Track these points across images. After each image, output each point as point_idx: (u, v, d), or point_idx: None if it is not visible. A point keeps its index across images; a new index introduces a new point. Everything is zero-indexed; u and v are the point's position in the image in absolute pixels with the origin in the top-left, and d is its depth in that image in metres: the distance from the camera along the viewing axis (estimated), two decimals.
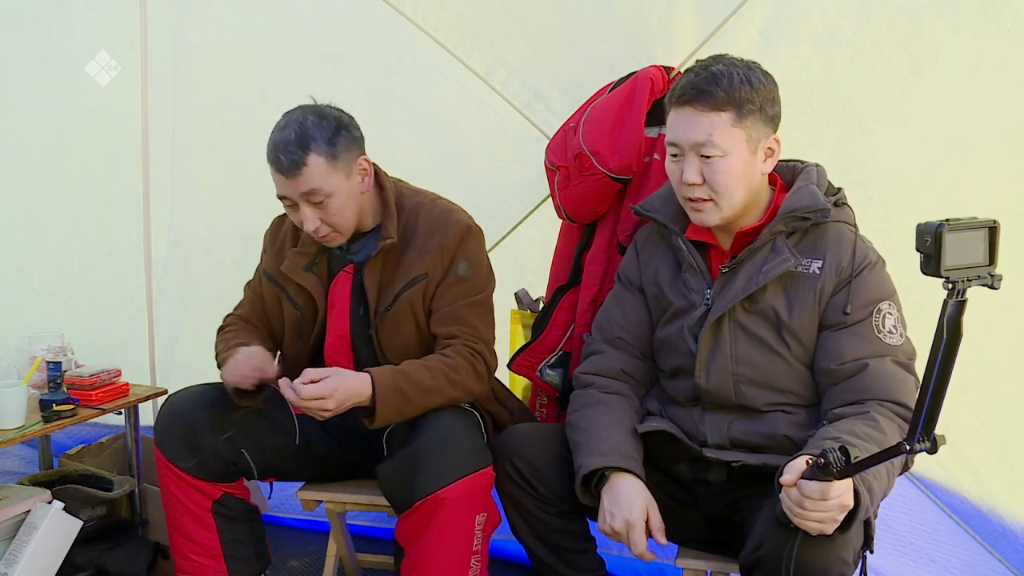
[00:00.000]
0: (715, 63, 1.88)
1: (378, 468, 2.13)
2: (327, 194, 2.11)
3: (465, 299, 2.21)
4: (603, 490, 1.93)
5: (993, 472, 2.43)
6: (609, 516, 1.90)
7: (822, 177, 1.98)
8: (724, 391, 1.94)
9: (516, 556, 2.73)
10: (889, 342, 1.85)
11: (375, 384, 2.07)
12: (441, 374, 2.12)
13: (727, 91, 1.84)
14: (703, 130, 1.85)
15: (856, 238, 1.92)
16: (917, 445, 1.39)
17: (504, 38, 2.67)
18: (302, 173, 2.08)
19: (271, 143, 2.11)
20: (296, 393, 2.01)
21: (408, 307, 2.20)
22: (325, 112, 2.14)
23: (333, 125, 2.12)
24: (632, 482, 1.91)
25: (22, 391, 2.38)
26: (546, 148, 2.49)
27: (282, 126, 2.12)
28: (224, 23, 3.04)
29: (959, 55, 2.27)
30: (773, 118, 1.90)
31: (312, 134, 2.09)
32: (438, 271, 2.20)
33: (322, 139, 2.09)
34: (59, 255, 3.30)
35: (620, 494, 1.90)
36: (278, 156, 2.08)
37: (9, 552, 2.35)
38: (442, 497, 2.00)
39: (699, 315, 1.96)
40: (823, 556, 1.64)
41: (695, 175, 1.88)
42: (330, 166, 2.10)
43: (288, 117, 2.14)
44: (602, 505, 1.92)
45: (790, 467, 1.61)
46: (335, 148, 2.11)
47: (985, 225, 1.39)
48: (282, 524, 3.09)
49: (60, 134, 3.23)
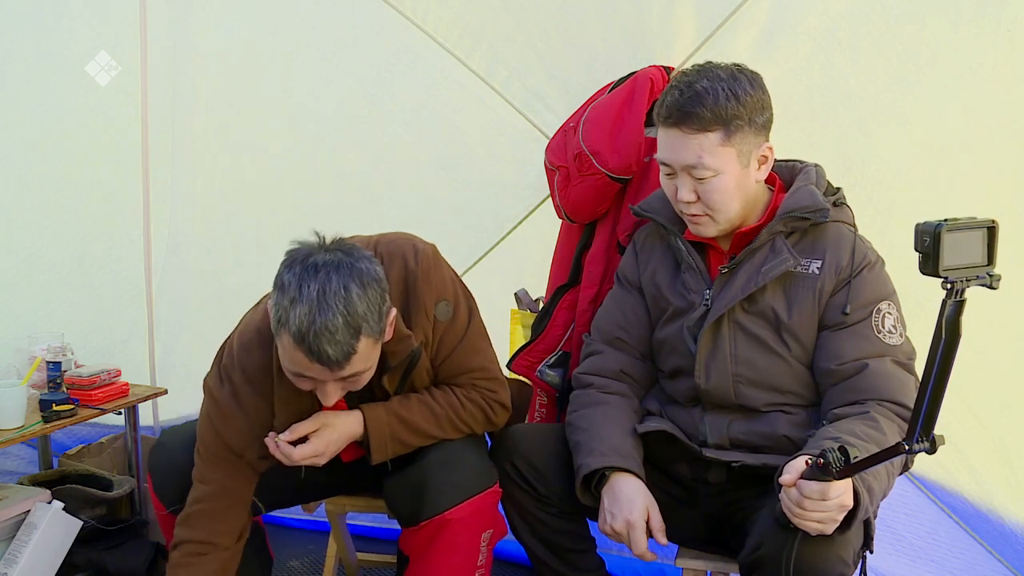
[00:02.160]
0: (699, 78, 1.85)
1: (384, 483, 2.06)
2: (367, 370, 1.80)
3: (458, 341, 2.02)
4: (603, 490, 1.92)
5: (993, 472, 2.43)
6: (609, 516, 1.90)
7: (821, 177, 1.98)
8: (724, 391, 1.94)
9: (516, 556, 2.73)
10: (889, 342, 1.85)
11: (368, 431, 1.95)
12: (447, 421, 2.00)
13: (713, 110, 1.81)
14: (692, 152, 1.84)
15: (855, 238, 1.92)
16: (916, 445, 1.39)
17: (504, 38, 2.67)
18: (350, 362, 1.72)
19: (303, 323, 1.67)
20: (286, 455, 1.90)
21: (419, 379, 2.02)
22: (365, 275, 1.74)
23: (379, 294, 1.75)
24: (632, 482, 1.91)
25: (22, 391, 2.38)
26: (546, 148, 2.49)
27: (315, 300, 1.67)
28: (224, 23, 3.04)
29: (959, 55, 2.27)
30: (764, 125, 1.88)
31: (363, 314, 1.70)
32: (427, 330, 1.98)
33: (373, 319, 1.73)
34: (59, 255, 3.30)
35: (620, 494, 1.90)
36: (322, 348, 1.67)
37: (9, 552, 2.35)
38: (449, 518, 1.96)
39: (698, 316, 1.96)
40: (823, 556, 1.64)
41: (689, 194, 1.88)
42: (375, 343, 1.77)
43: (321, 285, 1.68)
44: (602, 505, 1.92)
45: (789, 467, 1.61)
46: (383, 323, 1.77)
47: (984, 225, 1.39)
48: (282, 524, 3.09)
49: (60, 134, 3.23)
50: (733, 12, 2.36)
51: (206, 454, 1.98)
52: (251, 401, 1.95)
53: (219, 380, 1.98)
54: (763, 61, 2.35)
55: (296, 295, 1.69)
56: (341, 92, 2.95)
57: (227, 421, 1.95)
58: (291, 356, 1.74)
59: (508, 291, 2.58)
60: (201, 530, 1.97)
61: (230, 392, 1.95)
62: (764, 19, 2.36)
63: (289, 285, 1.71)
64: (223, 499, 1.98)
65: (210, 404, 1.98)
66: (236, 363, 1.96)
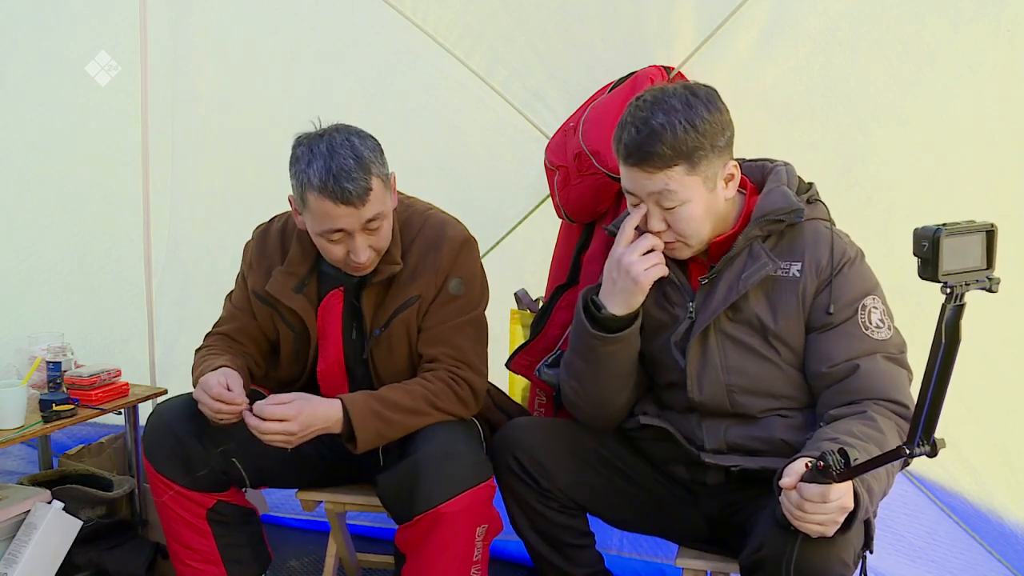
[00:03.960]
0: (654, 113, 1.81)
1: (377, 478, 2.10)
2: (384, 218, 2.02)
3: (455, 319, 2.14)
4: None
5: (993, 472, 2.43)
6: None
7: (792, 176, 1.96)
8: (719, 402, 1.93)
9: (516, 556, 2.73)
10: (877, 337, 1.84)
11: (347, 409, 2.02)
12: (421, 397, 2.07)
13: (672, 147, 1.79)
14: (659, 182, 1.83)
15: (832, 235, 1.90)
16: (917, 449, 1.39)
17: (504, 38, 2.67)
18: (369, 199, 1.96)
19: (323, 172, 1.94)
20: (258, 414, 1.96)
21: (403, 329, 2.15)
22: (361, 133, 2.04)
23: (376, 144, 2.03)
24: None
25: (22, 391, 2.38)
26: (546, 148, 2.49)
27: (327, 152, 1.96)
28: (224, 23, 3.04)
29: (959, 55, 2.27)
30: (726, 145, 1.86)
31: (368, 156, 1.98)
32: (431, 291, 2.14)
33: (377, 160, 2.00)
34: (59, 255, 3.30)
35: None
36: (343, 186, 1.93)
37: (9, 552, 2.35)
38: (442, 512, 1.97)
39: (684, 329, 1.95)
40: (823, 557, 1.64)
41: (659, 223, 1.87)
42: (385, 188, 2.02)
43: (329, 142, 1.98)
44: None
45: (789, 470, 1.61)
46: (385, 168, 2.02)
47: (982, 229, 1.38)
48: (282, 524, 3.09)
49: (60, 134, 3.23)
50: (733, 12, 2.36)
51: (228, 311, 2.30)
52: (274, 242, 2.23)
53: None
54: (763, 61, 2.36)
55: (311, 157, 1.97)
56: (341, 92, 2.95)
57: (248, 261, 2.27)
58: (320, 211, 1.97)
59: (508, 291, 2.58)
60: (222, 337, 2.25)
61: (258, 237, 2.28)
62: (764, 19, 2.35)
63: (303, 155, 1.99)
64: (241, 333, 2.26)
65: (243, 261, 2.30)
66: (256, 232, 2.29)
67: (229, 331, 2.27)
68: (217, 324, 2.31)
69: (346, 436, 2.05)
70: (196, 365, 2.17)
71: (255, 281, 2.24)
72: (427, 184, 2.43)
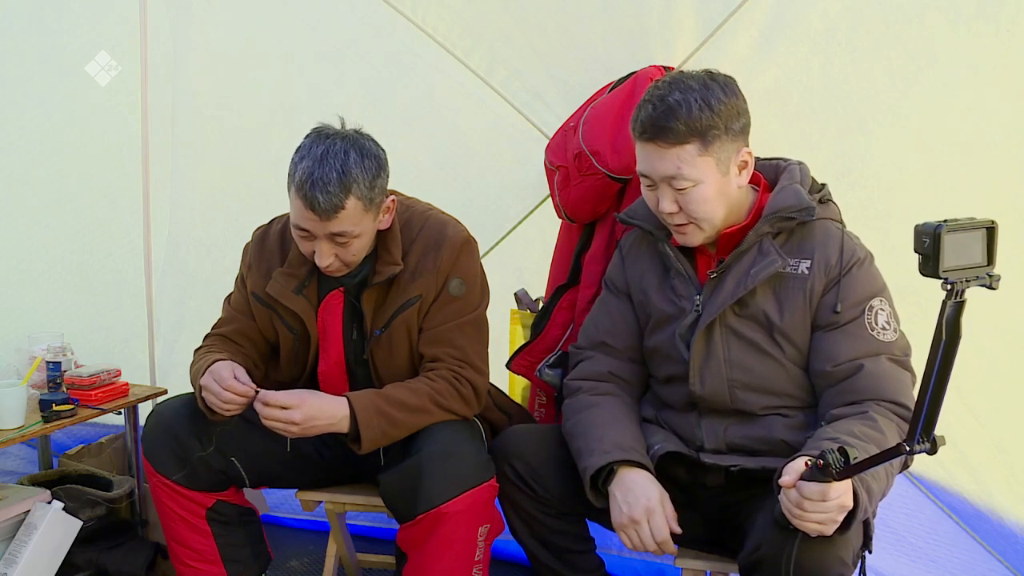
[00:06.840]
0: (671, 91, 1.83)
1: (379, 477, 2.09)
2: (355, 236, 2.01)
3: (456, 319, 2.15)
4: (612, 486, 1.90)
5: (992, 472, 2.43)
6: (626, 507, 1.86)
7: (805, 175, 1.96)
8: (720, 397, 1.93)
9: (516, 556, 2.73)
10: (883, 339, 1.84)
11: (353, 407, 2.02)
12: (426, 396, 2.08)
13: (687, 123, 1.80)
14: (671, 164, 1.83)
15: (843, 235, 1.91)
16: (917, 446, 1.39)
17: (504, 38, 2.67)
18: (338, 216, 1.96)
19: (304, 174, 1.95)
20: (263, 400, 1.97)
21: (404, 330, 2.15)
22: (367, 149, 2.01)
23: (375, 167, 2.01)
24: (641, 474, 1.89)
25: (22, 391, 2.38)
26: (546, 148, 2.49)
27: (319, 157, 1.96)
28: (224, 23, 3.04)
29: (959, 55, 2.27)
30: (741, 131, 1.87)
31: (355, 176, 1.96)
32: (432, 292, 2.14)
33: (364, 183, 1.97)
34: (59, 255, 3.30)
35: (633, 484, 1.88)
36: (315, 195, 1.93)
37: (9, 552, 2.35)
38: (445, 511, 1.97)
39: (689, 322, 1.95)
40: (822, 557, 1.64)
41: (670, 204, 1.87)
42: (365, 210, 2.00)
43: (327, 147, 1.98)
44: (615, 499, 1.89)
45: (789, 468, 1.61)
46: (373, 192, 2.00)
47: (983, 226, 1.39)
48: (282, 524, 3.09)
49: (60, 134, 3.23)
50: (733, 12, 2.36)
51: (227, 313, 2.29)
52: (273, 243, 2.23)
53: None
54: (763, 61, 2.36)
55: (305, 153, 1.98)
56: (341, 92, 2.95)
57: (247, 261, 2.26)
58: (293, 206, 2.01)
59: (508, 291, 2.58)
60: (221, 338, 2.24)
61: (258, 238, 2.28)
62: (764, 19, 2.36)
63: (303, 147, 2.01)
64: (239, 335, 2.24)
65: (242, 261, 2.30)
66: (255, 234, 2.29)
67: (228, 333, 2.26)
68: (216, 326, 2.31)
69: (351, 436, 2.05)
70: (195, 362, 2.17)
71: (254, 282, 2.24)
72: (427, 184, 2.43)
